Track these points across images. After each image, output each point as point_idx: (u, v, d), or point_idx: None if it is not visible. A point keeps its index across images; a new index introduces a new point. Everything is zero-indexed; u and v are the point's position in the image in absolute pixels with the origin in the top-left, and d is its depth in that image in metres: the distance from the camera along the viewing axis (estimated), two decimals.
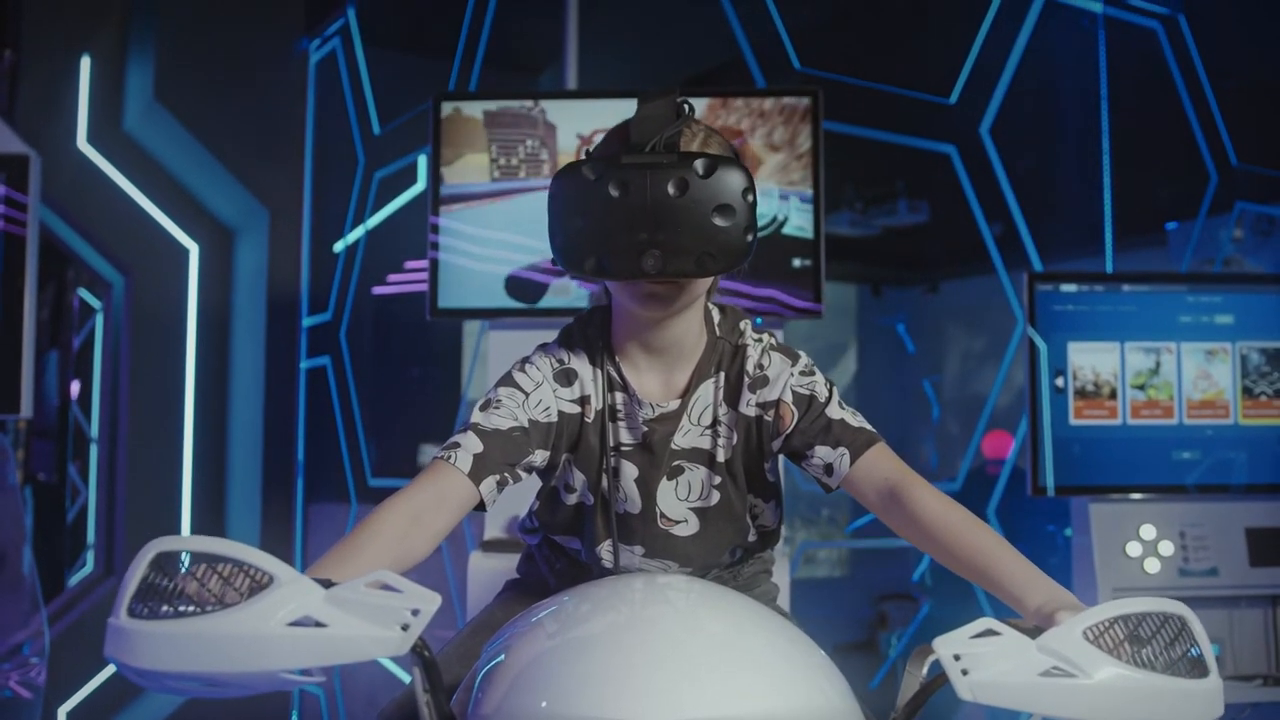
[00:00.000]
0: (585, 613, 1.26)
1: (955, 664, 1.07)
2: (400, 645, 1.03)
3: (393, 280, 4.48)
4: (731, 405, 1.57)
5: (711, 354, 1.57)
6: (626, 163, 1.36)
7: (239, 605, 1.02)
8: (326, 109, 4.72)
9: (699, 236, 1.35)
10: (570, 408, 1.55)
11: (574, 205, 1.38)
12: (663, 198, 1.34)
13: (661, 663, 1.08)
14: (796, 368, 1.56)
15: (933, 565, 6.04)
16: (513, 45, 4.24)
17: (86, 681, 4.16)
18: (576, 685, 1.07)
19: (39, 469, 5.06)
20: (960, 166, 3.99)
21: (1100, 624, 1.11)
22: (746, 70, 3.69)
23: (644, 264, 1.35)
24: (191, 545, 1.06)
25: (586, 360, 1.56)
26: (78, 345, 5.06)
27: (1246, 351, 3.13)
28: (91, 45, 4.25)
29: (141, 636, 1.02)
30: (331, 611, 1.03)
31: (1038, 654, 1.09)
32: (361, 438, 4.46)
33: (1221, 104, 4.36)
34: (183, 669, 1.01)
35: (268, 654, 1.01)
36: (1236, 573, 3.00)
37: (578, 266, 1.39)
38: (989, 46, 4.04)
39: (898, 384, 8.28)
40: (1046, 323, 3.06)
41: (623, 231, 1.35)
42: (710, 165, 1.35)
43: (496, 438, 1.45)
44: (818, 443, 1.51)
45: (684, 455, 1.57)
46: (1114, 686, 1.07)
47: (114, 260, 4.31)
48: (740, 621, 1.24)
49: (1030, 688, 1.07)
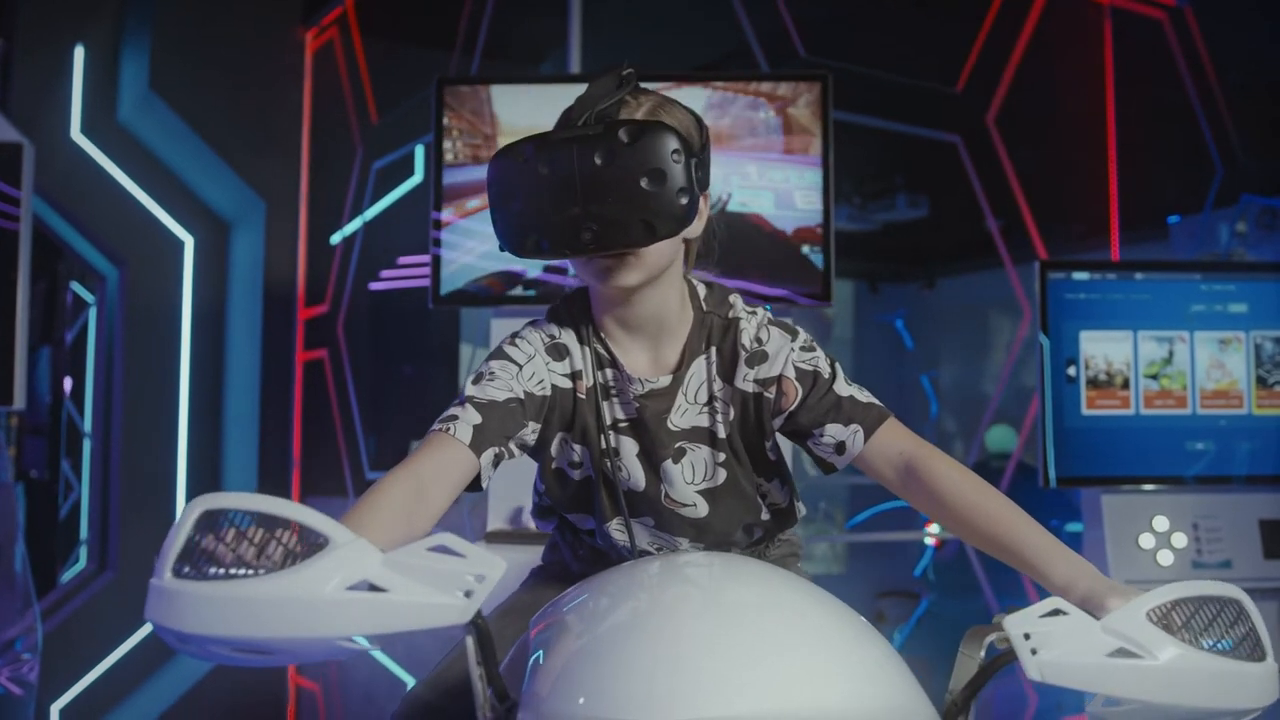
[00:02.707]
0: (642, 598, 1.20)
1: (1025, 643, 1.06)
2: (463, 613, 0.99)
3: (386, 275, 4.44)
4: (726, 380, 1.53)
5: (700, 329, 1.54)
6: (554, 139, 1.35)
7: (293, 568, 0.97)
8: (324, 99, 4.68)
9: (632, 204, 1.33)
10: (563, 382, 1.53)
11: (509, 186, 1.38)
12: (590, 169, 1.32)
13: (730, 650, 1.02)
14: (797, 343, 1.52)
15: (934, 561, 6.02)
16: (513, 35, 4.20)
17: (80, 678, 4.12)
18: (641, 677, 1.00)
19: (31, 465, 5.02)
20: (966, 156, 3.96)
21: (1162, 606, 1.11)
22: (753, 59, 3.65)
23: (582, 238, 1.34)
24: (241, 503, 1.00)
25: (575, 337, 1.54)
26: (71, 340, 5.02)
27: (1260, 341, 3.10)
28: (86, 35, 4.21)
29: (186, 598, 0.96)
30: (391, 576, 0.98)
31: (1103, 635, 1.08)
32: (359, 431, 4.42)
33: (1228, 96, 4.33)
34: (230, 634, 0.96)
35: (324, 620, 0.95)
36: (1250, 565, 2.97)
37: (519, 247, 1.39)
38: (995, 36, 4.01)
39: (896, 380, 8.27)
40: (1058, 311, 3.03)
41: (556, 208, 1.34)
42: (635, 131, 1.33)
43: (494, 409, 1.42)
44: (828, 420, 1.48)
45: (684, 435, 1.54)
46: (1179, 668, 1.07)
47: (108, 252, 4.27)
48: (802, 603, 1.18)
49: (1098, 668, 1.07)
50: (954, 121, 4.02)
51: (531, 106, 2.87)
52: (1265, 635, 1.13)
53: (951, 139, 3.99)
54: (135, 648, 4.23)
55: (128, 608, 4.23)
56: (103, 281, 4.40)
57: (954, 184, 4.06)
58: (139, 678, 4.25)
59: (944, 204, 6.78)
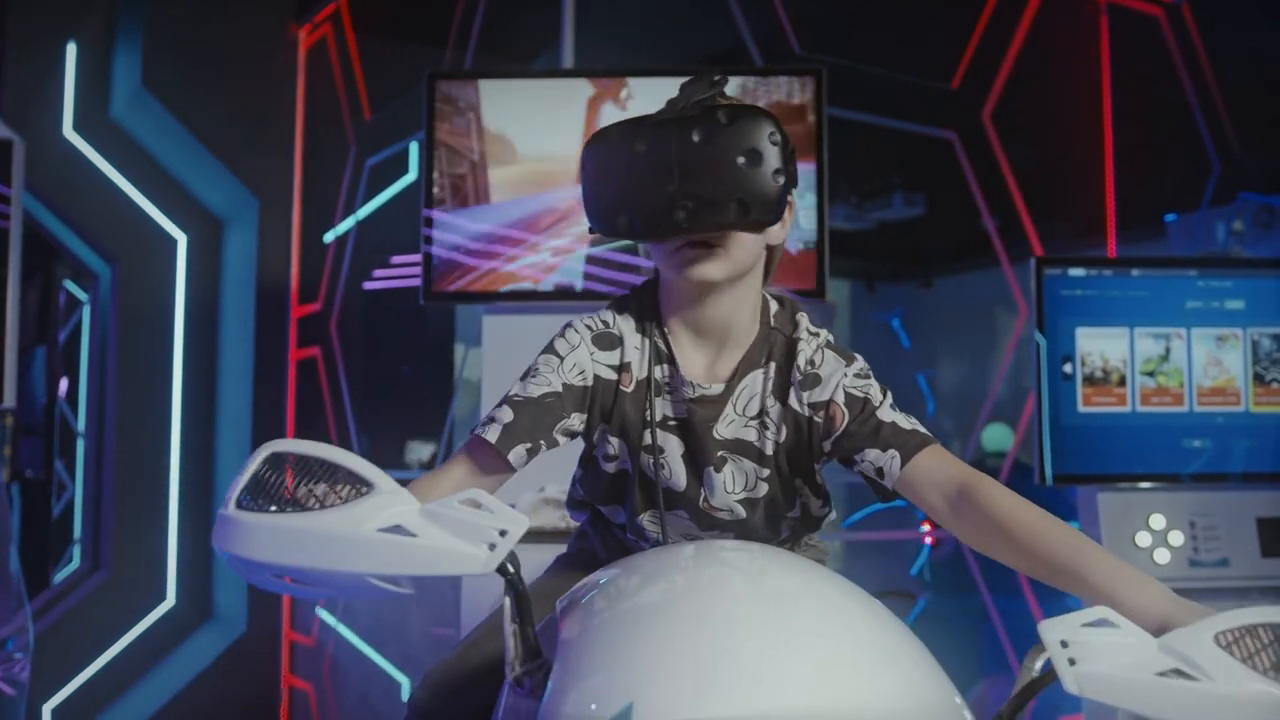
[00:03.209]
0: (678, 580, 1.19)
1: (1063, 651, 0.99)
2: (486, 564, 1.06)
3: (379, 275, 4.42)
4: (781, 400, 1.52)
5: (763, 344, 1.54)
6: (653, 119, 1.38)
7: (337, 507, 1.07)
8: (317, 96, 4.66)
9: (728, 183, 1.34)
10: (607, 373, 1.53)
11: (604, 166, 1.40)
12: (688, 147, 1.35)
13: (774, 641, 1.00)
14: (851, 369, 1.51)
15: (931, 560, 6.00)
16: (507, 32, 4.19)
17: (72, 678, 4.11)
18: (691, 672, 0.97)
19: (26, 465, 5.01)
20: (962, 153, 3.95)
21: (1236, 630, 1.01)
22: (748, 56, 3.64)
23: (676, 217, 1.35)
24: (303, 449, 1.11)
25: (634, 328, 1.55)
26: (65, 338, 5.00)
27: (1258, 338, 3.08)
28: (78, 31, 4.19)
29: (246, 527, 1.08)
30: (423, 524, 1.06)
31: (1159, 653, 1.00)
32: (352, 429, 4.40)
33: (1225, 93, 4.32)
34: (279, 561, 1.07)
35: (356, 556, 1.06)
36: (1248, 564, 2.94)
37: (611, 227, 1.41)
38: (992, 32, 4.00)
39: (893, 379, 8.25)
40: (1054, 308, 3.01)
41: (652, 186, 1.36)
42: (734, 113, 1.35)
43: (528, 406, 1.47)
44: (867, 445, 1.45)
45: (727, 446, 1.53)
46: (1244, 698, 0.97)
47: (101, 250, 4.25)
48: (840, 597, 1.15)
49: (1147, 687, 0.98)
50: (949, 118, 4.00)
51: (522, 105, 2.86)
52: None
53: (947, 136, 3.97)
54: (128, 648, 4.21)
55: (120, 607, 4.21)
56: (95, 279, 4.38)
57: (951, 182, 4.05)
58: (131, 678, 4.23)
59: (941, 202, 6.77)
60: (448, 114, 2.85)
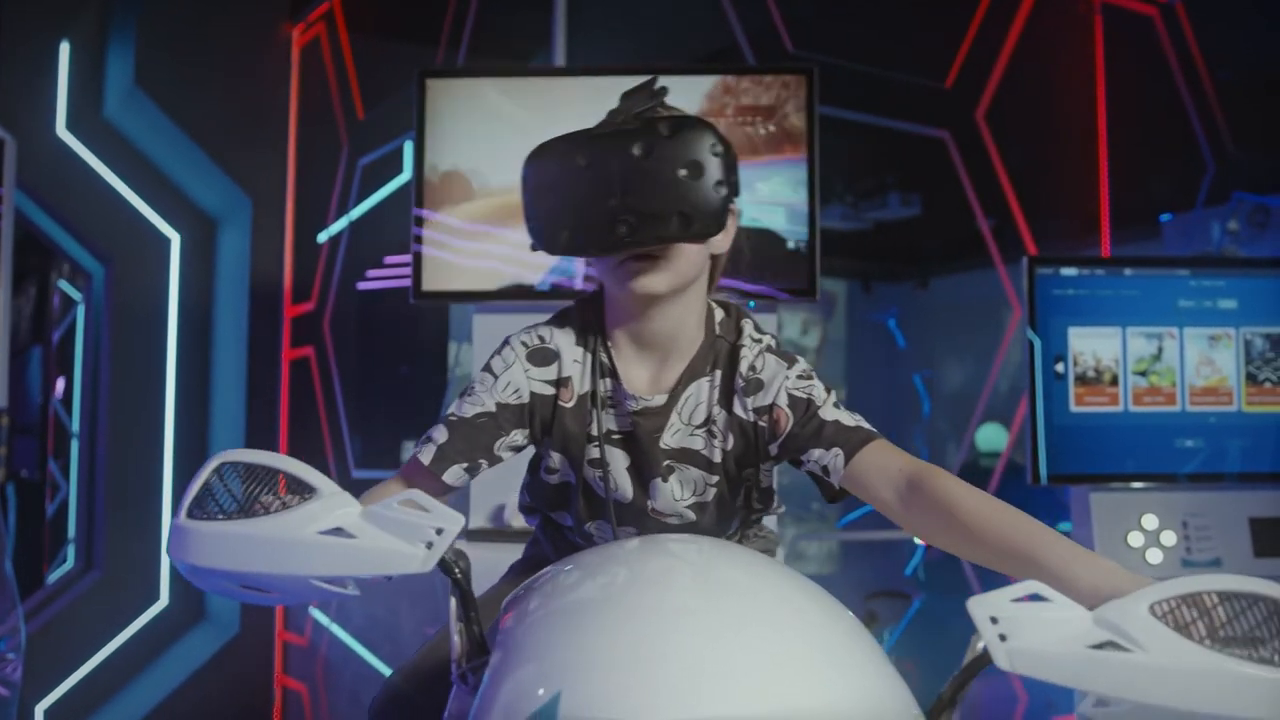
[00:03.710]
0: (621, 573, 1.18)
1: (993, 628, 0.98)
2: (424, 562, 1.08)
3: (372, 275, 4.42)
4: (726, 407, 1.52)
5: (708, 352, 1.53)
6: (594, 133, 1.38)
7: (281, 513, 1.11)
8: (310, 95, 4.66)
9: (670, 196, 1.34)
10: (544, 389, 1.52)
11: (545, 182, 1.39)
12: (629, 160, 1.34)
13: (714, 639, 0.97)
14: (793, 371, 1.50)
15: (926, 560, 5.99)
16: (499, 31, 4.18)
17: (65, 679, 4.10)
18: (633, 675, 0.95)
19: (21, 466, 5.00)
20: (955, 152, 3.94)
21: (1172, 600, 0.99)
22: (741, 55, 3.63)
23: (618, 231, 1.35)
24: (250, 458, 1.15)
25: (575, 342, 1.53)
26: (58, 339, 4.99)
27: (1250, 337, 3.08)
28: (71, 30, 4.18)
29: (195, 535, 1.12)
30: (363, 525, 1.10)
31: (1093, 626, 0.98)
32: (344, 429, 4.40)
33: (1219, 93, 4.32)
34: (227, 567, 1.11)
35: (298, 559, 1.09)
36: (1240, 564, 2.94)
37: (553, 243, 1.41)
38: (985, 31, 3.99)
39: (888, 379, 8.25)
40: (1046, 308, 3.00)
41: (593, 201, 1.36)
42: (675, 125, 1.35)
43: (461, 426, 1.48)
44: (811, 445, 1.45)
45: (674, 455, 1.53)
46: (1180, 667, 0.94)
47: (94, 250, 4.24)
48: (789, 590, 1.13)
49: (1079, 660, 0.96)
50: (943, 118, 4.00)
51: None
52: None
53: (941, 135, 3.97)
54: (121, 648, 4.21)
55: (114, 607, 4.21)
56: (89, 279, 4.37)
57: (945, 182, 4.04)
58: (124, 678, 4.22)
59: (937, 202, 6.76)
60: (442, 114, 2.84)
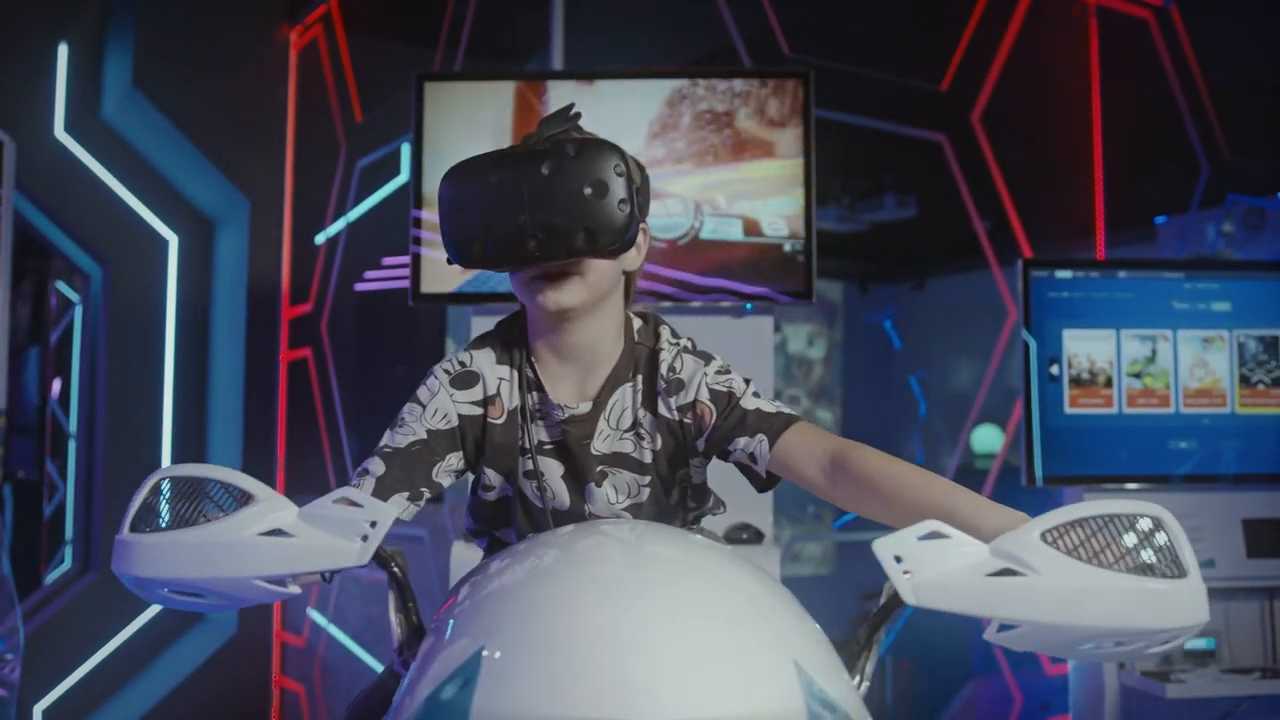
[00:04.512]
0: (550, 555, 1.23)
1: (897, 566, 1.04)
2: (360, 556, 1.13)
3: (370, 277, 4.42)
4: (651, 409, 1.58)
5: (629, 359, 1.59)
6: (505, 152, 1.46)
7: (220, 519, 1.15)
8: (308, 97, 4.66)
9: (576, 213, 1.40)
10: (471, 410, 1.57)
11: (460, 198, 1.45)
12: (538, 179, 1.41)
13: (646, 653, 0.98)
14: (711, 367, 1.56)
15: None
16: (497, 34, 4.19)
17: (63, 679, 4.10)
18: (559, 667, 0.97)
19: (18, 466, 5.00)
20: (951, 155, 3.95)
21: (1060, 526, 1.05)
22: (737, 58, 3.65)
23: (528, 247, 1.41)
24: (189, 471, 1.19)
25: (496, 360, 1.59)
26: (55, 340, 5.00)
27: (1244, 339, 3.10)
28: (69, 32, 4.19)
29: (138, 548, 1.15)
30: (299, 525, 1.14)
31: (990, 557, 1.04)
32: (342, 430, 4.40)
33: (1214, 95, 4.33)
34: (170, 576, 1.14)
35: (239, 561, 1.13)
36: (1233, 564, 2.96)
37: (467, 256, 1.46)
38: (981, 34, 4.01)
39: (884, 380, 8.26)
40: (1041, 310, 3.02)
41: (505, 217, 1.42)
42: (581, 146, 1.42)
43: (397, 457, 1.52)
44: (736, 434, 1.50)
45: (606, 460, 1.58)
46: (1071, 585, 1.01)
47: (92, 251, 4.25)
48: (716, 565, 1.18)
49: (979, 588, 1.02)
50: (939, 120, 4.01)
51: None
52: (1187, 552, 1.06)
53: (936, 138, 3.98)
54: (119, 648, 4.21)
55: (111, 608, 4.21)
56: (87, 280, 4.38)
57: (941, 184, 4.06)
58: (122, 678, 4.23)
59: (932, 204, 6.78)
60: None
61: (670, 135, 2.86)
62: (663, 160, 2.85)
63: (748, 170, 2.83)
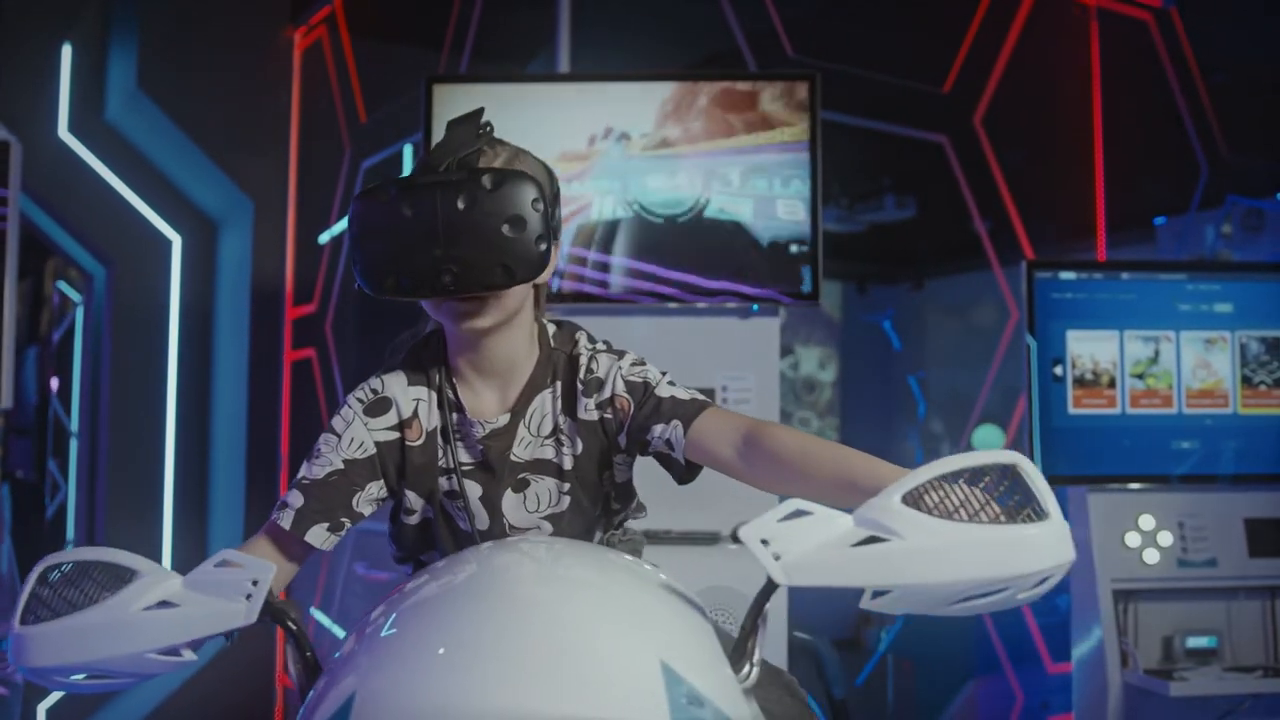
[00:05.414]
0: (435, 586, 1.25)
1: (765, 549, 1.05)
2: (246, 615, 1.15)
3: None
4: (570, 414, 1.58)
5: (546, 366, 1.59)
6: (418, 182, 1.40)
7: (105, 600, 1.16)
8: (312, 98, 4.67)
9: (492, 249, 1.39)
10: (387, 435, 1.56)
11: (371, 227, 1.43)
12: (452, 213, 1.38)
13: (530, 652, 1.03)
14: (625, 361, 1.57)
15: None
16: (502, 35, 4.20)
17: None
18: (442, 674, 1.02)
19: (17, 466, 5.00)
20: (953, 156, 3.97)
21: (920, 486, 1.06)
22: (742, 60, 3.66)
23: (443, 279, 1.39)
24: (72, 556, 1.19)
25: (408, 383, 1.58)
26: (57, 339, 5.00)
27: (1246, 340, 3.12)
28: (73, 33, 4.19)
29: (32, 639, 1.16)
30: (185, 593, 1.16)
31: (854, 527, 1.05)
32: None
33: (1213, 97, 4.35)
34: (67, 660, 1.15)
35: (129, 637, 1.14)
36: (1235, 564, 2.98)
37: (379, 287, 1.44)
38: (983, 37, 4.02)
39: (884, 381, 8.27)
40: (1045, 311, 3.04)
41: (418, 250, 1.39)
42: (498, 179, 1.39)
43: (315, 488, 1.51)
44: (652, 422, 1.51)
45: (527, 467, 1.58)
46: (934, 545, 1.02)
47: (95, 252, 4.26)
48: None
49: (846, 560, 1.03)
50: (941, 122, 4.03)
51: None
52: (1045, 494, 1.06)
53: (938, 139, 4.00)
54: None
55: None
56: (90, 280, 4.38)
57: (942, 185, 4.07)
58: None
59: (933, 205, 6.79)
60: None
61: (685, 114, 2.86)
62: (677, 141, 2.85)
63: (748, 179, 2.84)
